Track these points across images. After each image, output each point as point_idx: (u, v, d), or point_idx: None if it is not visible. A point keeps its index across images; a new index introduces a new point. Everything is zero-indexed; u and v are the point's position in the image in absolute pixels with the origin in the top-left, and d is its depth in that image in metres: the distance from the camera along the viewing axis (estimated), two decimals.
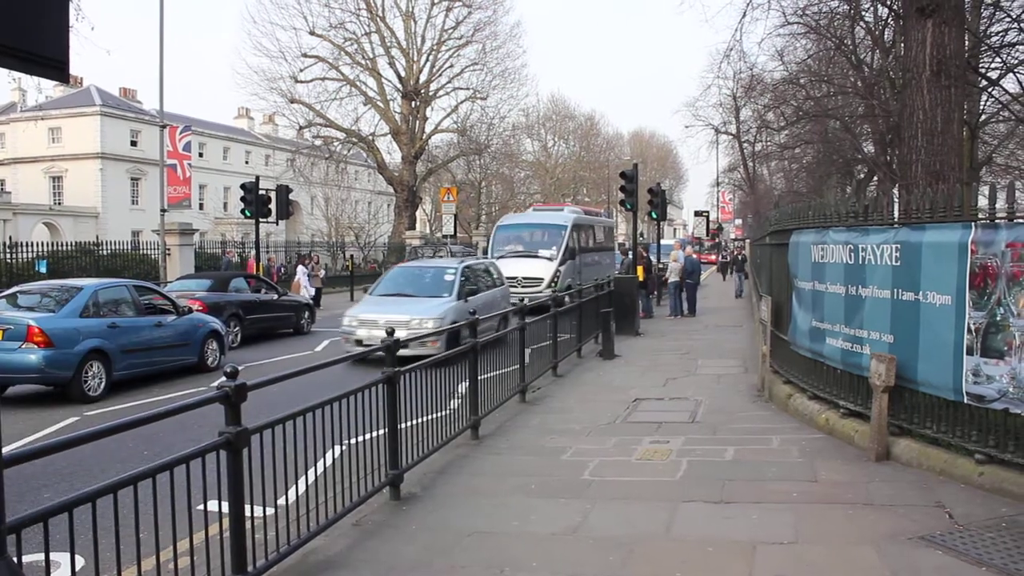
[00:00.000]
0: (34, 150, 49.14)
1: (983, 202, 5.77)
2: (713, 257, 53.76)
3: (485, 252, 24.65)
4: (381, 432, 5.59)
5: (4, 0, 2.14)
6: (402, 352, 5.93)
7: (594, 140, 73.39)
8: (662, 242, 28.61)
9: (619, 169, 30.06)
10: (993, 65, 14.37)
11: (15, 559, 2.61)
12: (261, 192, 21.15)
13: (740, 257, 29.48)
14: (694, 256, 22.38)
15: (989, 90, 14.69)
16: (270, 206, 21.46)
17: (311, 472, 4.86)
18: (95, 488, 3.13)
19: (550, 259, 22.00)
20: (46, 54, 2.32)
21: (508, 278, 20.83)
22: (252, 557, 4.01)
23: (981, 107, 15.80)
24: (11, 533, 2.61)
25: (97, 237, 27.41)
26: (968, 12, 11.36)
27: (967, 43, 10.61)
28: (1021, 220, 5.33)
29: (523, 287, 20.28)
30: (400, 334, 6.49)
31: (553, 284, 20.82)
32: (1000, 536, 4.59)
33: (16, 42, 2.20)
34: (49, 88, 45.12)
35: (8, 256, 19.67)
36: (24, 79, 37.65)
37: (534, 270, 21.53)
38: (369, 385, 5.46)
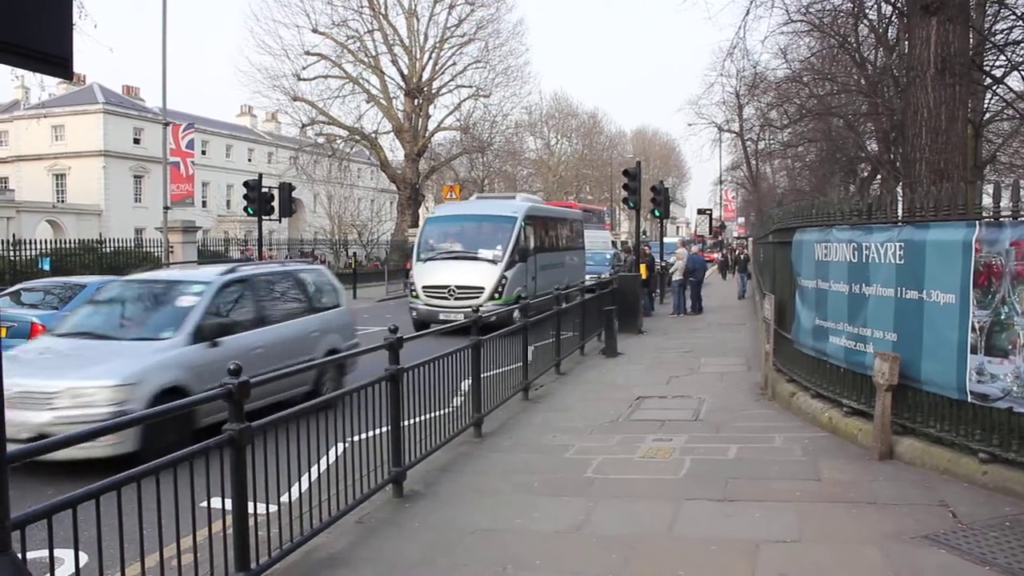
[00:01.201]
0: (37, 148, 49.24)
1: (987, 201, 5.77)
2: (716, 255, 53.72)
3: (410, 253, 20.37)
4: (384, 430, 5.58)
5: None
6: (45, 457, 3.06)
7: (597, 138, 73.35)
8: (665, 240, 28.46)
9: (622, 167, 30.00)
10: (998, 63, 14.29)
11: (19, 555, 2.61)
12: (264, 190, 21.15)
13: (743, 256, 29.17)
14: (698, 254, 22.29)
15: (993, 88, 14.62)
16: (273, 204, 21.42)
17: (314, 469, 4.86)
18: (99, 485, 3.14)
19: (493, 261, 17.08)
20: (50, 51, 2.33)
21: (439, 287, 16.80)
22: (255, 554, 4.02)
23: (985, 105, 15.73)
24: (15, 530, 2.62)
25: (100, 234, 27.40)
26: (972, 10, 11.32)
27: (971, 41, 10.55)
28: None
29: (457, 299, 16.27)
30: (42, 418, 3.99)
31: (497, 294, 16.63)
32: (1004, 535, 4.58)
33: (20, 39, 2.21)
34: (52, 86, 45.17)
35: (11, 254, 19.67)
36: (27, 76, 37.68)
37: (472, 277, 16.88)
38: (372, 382, 5.47)
